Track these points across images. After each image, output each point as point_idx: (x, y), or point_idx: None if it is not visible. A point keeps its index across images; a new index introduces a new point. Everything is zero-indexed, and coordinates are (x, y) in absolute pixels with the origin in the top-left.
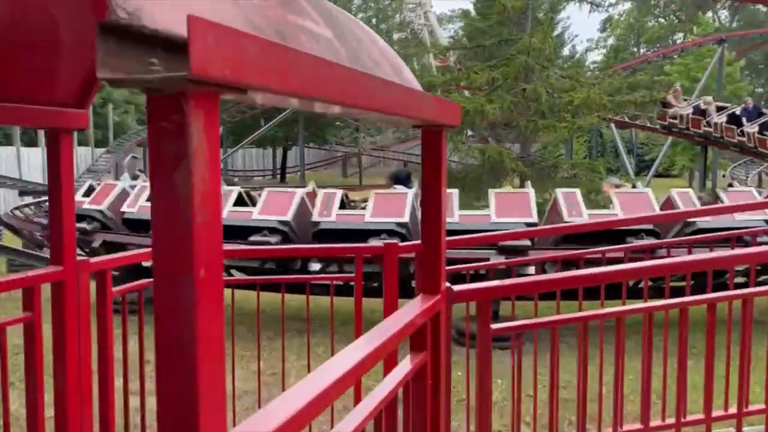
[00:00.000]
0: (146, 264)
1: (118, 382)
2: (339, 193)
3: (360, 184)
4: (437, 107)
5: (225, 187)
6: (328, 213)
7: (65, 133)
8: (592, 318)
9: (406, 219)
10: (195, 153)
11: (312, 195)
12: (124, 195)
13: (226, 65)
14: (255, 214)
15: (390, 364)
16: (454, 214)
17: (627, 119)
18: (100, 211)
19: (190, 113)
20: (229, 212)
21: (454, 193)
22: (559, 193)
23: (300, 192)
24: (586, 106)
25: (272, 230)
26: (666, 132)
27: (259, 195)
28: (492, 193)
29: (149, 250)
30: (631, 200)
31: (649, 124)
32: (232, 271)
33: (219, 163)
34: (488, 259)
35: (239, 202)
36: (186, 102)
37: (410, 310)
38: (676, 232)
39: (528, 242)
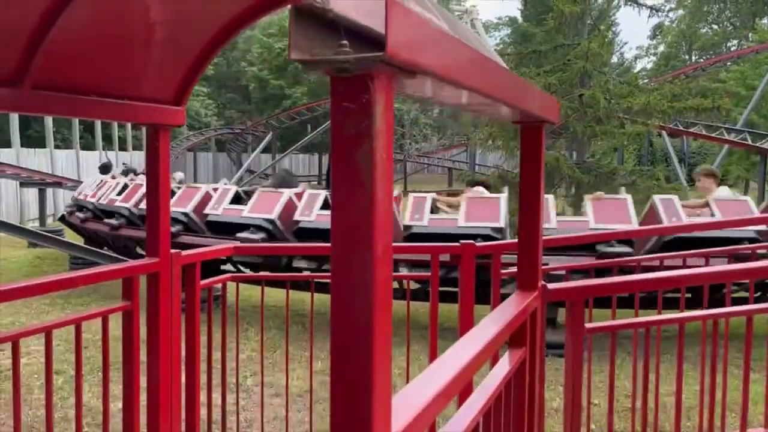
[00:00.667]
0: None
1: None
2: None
3: (405, 189)
4: (541, 101)
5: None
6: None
7: (164, 130)
8: (692, 320)
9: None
10: (377, 133)
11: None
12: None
13: (413, 49)
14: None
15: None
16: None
17: (681, 127)
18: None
19: (375, 94)
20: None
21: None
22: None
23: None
24: (646, 112)
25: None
26: (724, 140)
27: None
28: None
29: (232, 245)
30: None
31: (704, 132)
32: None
33: (392, 145)
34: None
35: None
36: (372, 83)
37: (510, 307)
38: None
39: (628, 248)
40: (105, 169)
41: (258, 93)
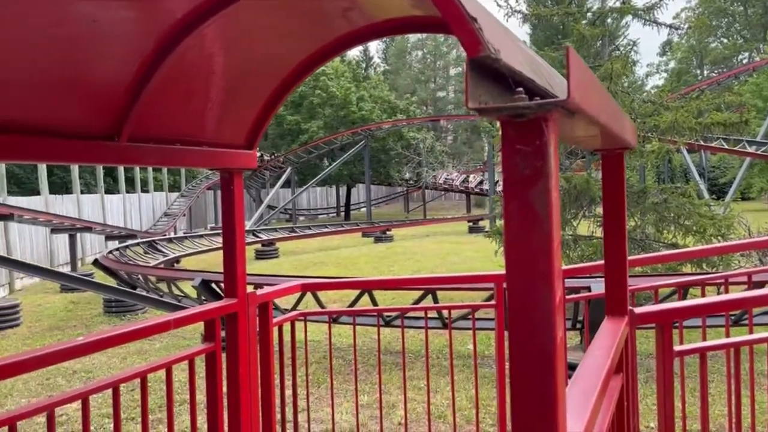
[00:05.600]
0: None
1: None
2: None
3: (424, 217)
4: (630, 127)
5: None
6: None
7: (238, 174)
8: None
9: None
10: (551, 172)
11: None
12: None
13: (584, 94)
14: None
15: None
16: None
17: (702, 141)
18: None
19: (549, 136)
20: None
21: None
22: None
23: None
24: (674, 130)
25: None
26: (745, 153)
27: None
28: None
29: (299, 282)
30: None
31: (725, 146)
32: None
33: (558, 185)
34: None
35: None
36: (546, 126)
37: (607, 338)
38: None
39: None
40: None
41: (274, 129)
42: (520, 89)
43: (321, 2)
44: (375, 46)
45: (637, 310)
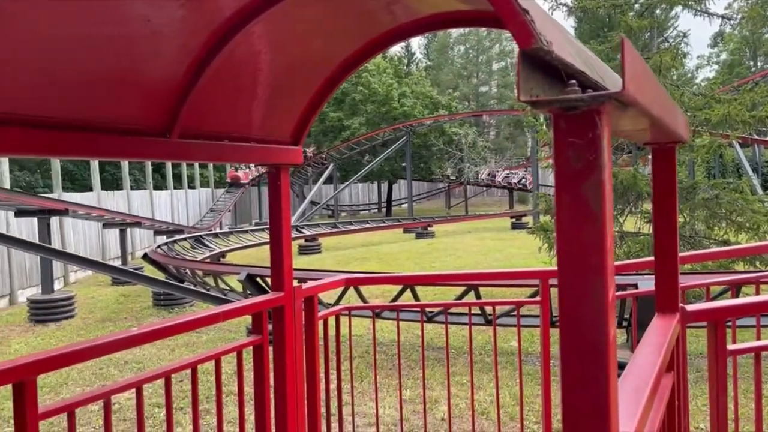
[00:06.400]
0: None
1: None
2: None
3: (466, 213)
4: (683, 120)
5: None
6: None
7: (284, 169)
8: None
9: None
10: (604, 165)
11: None
12: None
13: (638, 86)
14: None
15: None
16: None
17: (756, 135)
18: None
19: (602, 128)
20: None
21: None
22: None
23: None
24: (726, 123)
25: None
26: None
27: None
28: None
29: (344, 277)
30: None
31: None
32: None
33: (611, 178)
34: None
35: None
36: (600, 118)
37: (657, 335)
38: None
39: None
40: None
41: (317, 125)
42: (573, 81)
43: (367, 1)
44: (417, 42)
45: (689, 307)
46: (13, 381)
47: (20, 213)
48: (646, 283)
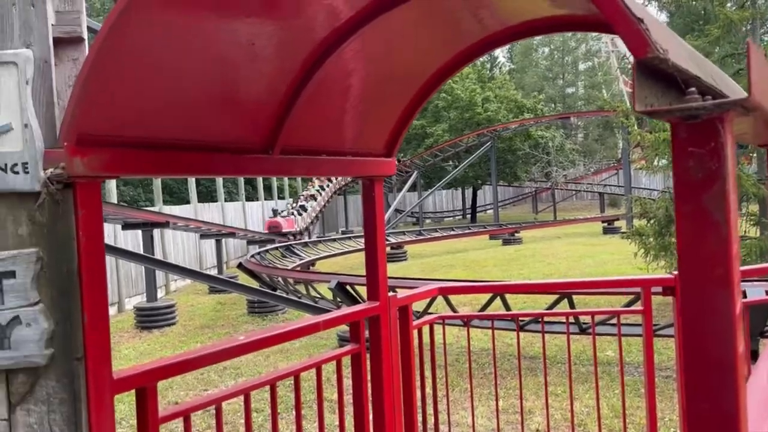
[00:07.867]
0: None
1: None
2: None
3: (554, 218)
4: None
5: None
6: None
7: (378, 181)
8: None
9: None
10: (728, 175)
11: None
12: None
13: (763, 92)
14: None
15: None
16: None
17: None
18: None
19: (726, 136)
20: None
21: None
22: None
23: None
24: None
25: None
26: None
27: None
28: None
29: (437, 286)
30: None
31: None
32: None
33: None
34: None
35: None
36: (723, 126)
37: None
38: None
39: None
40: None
41: None
42: (692, 89)
43: (457, 12)
44: None
45: None
46: (137, 386)
47: (127, 226)
48: (755, 291)
